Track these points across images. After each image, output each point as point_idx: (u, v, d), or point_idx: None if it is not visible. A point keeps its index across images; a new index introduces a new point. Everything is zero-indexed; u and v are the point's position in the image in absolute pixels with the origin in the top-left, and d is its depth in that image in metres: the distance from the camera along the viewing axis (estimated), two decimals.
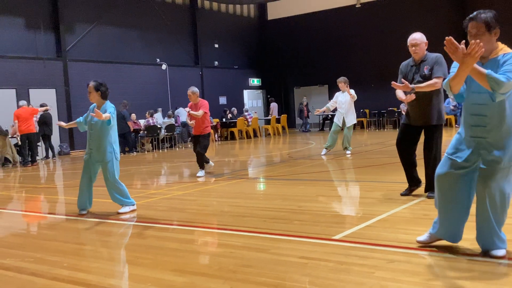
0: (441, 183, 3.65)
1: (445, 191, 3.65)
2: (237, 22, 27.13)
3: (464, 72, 3.25)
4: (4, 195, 8.84)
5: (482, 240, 3.61)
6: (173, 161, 13.54)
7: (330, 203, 6.34)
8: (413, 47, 5.61)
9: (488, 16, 3.35)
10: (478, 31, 3.34)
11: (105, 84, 6.35)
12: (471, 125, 3.47)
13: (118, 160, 6.30)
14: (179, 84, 22.54)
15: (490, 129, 3.38)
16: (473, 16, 3.38)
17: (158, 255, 4.20)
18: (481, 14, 3.35)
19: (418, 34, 5.63)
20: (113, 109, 6.20)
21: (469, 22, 3.39)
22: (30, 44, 17.73)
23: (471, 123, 3.46)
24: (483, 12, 3.36)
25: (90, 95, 6.28)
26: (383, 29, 23.98)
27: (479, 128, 3.42)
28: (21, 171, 12.98)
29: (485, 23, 3.33)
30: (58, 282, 3.66)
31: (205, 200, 6.89)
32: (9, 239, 5.31)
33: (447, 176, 3.61)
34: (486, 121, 3.39)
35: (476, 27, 3.35)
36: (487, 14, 3.36)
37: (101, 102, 6.29)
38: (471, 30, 3.36)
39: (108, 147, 6.17)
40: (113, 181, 6.16)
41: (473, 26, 3.36)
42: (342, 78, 11.77)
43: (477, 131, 3.44)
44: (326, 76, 25.79)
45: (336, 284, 3.26)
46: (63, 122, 6.39)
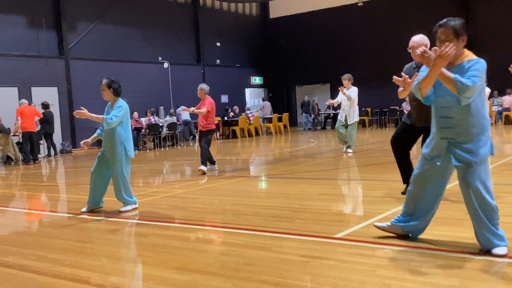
0: (415, 181, 3.88)
1: (417, 189, 3.87)
2: (239, 21, 27.11)
3: (434, 74, 3.44)
4: (6, 193, 8.86)
5: (480, 239, 3.67)
6: (175, 159, 13.55)
7: (332, 201, 6.33)
8: (410, 50, 5.53)
9: (457, 23, 3.52)
10: (447, 37, 3.51)
11: (117, 81, 6.34)
12: (440, 127, 3.67)
13: (130, 158, 6.26)
14: (181, 83, 22.55)
15: (458, 130, 3.58)
16: (443, 23, 3.55)
17: (160, 253, 4.21)
18: (450, 22, 3.52)
19: (419, 36, 5.52)
20: (121, 108, 6.12)
21: (438, 28, 3.56)
22: (32, 42, 17.75)
23: (440, 126, 3.66)
24: (453, 20, 3.53)
25: (103, 93, 6.28)
26: (385, 28, 23.96)
27: (448, 129, 3.62)
28: (23, 169, 13.00)
29: (454, 30, 3.50)
30: (60, 280, 3.67)
31: (207, 199, 6.90)
32: (11, 237, 5.32)
33: (422, 174, 3.82)
34: (453, 123, 3.58)
35: (445, 33, 3.52)
36: (456, 22, 3.53)
37: (114, 99, 6.28)
38: (440, 36, 3.53)
39: (118, 146, 6.14)
40: (120, 179, 6.17)
41: (443, 32, 3.52)
42: (346, 75, 11.81)
43: (446, 133, 3.64)
44: (328, 74, 25.78)
45: (338, 282, 3.25)
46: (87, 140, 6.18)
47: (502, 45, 21.85)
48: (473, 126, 3.55)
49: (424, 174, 3.81)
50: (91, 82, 18.87)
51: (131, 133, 6.36)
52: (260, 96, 28.47)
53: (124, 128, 6.21)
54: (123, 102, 6.23)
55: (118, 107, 6.15)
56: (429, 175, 3.80)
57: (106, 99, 6.31)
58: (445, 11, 22.83)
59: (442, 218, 4.75)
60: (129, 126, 6.31)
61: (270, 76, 28.56)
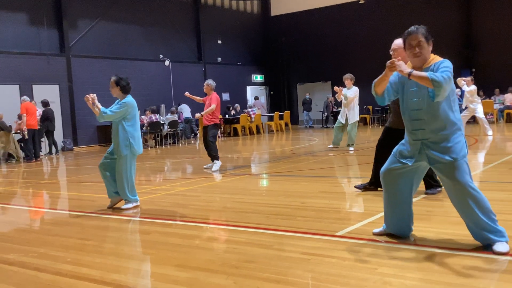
0: (384, 179, 3.99)
1: (388, 188, 3.98)
2: (240, 18, 27.09)
3: (386, 77, 3.76)
4: (8, 190, 8.87)
5: (479, 238, 3.70)
6: (176, 157, 13.56)
7: (333, 199, 6.34)
8: (392, 52, 5.71)
9: (425, 29, 3.73)
10: (419, 42, 3.67)
11: (125, 78, 6.37)
12: (412, 129, 3.80)
13: (136, 155, 6.30)
14: (182, 80, 22.55)
15: (429, 131, 3.70)
16: (413, 30, 3.70)
17: (162, 251, 4.21)
18: (419, 28, 3.70)
19: (399, 40, 5.66)
20: (123, 104, 6.15)
21: (408, 35, 3.72)
22: (33, 40, 17.75)
23: (412, 128, 3.80)
24: (421, 27, 3.72)
25: (112, 90, 6.31)
26: (387, 25, 23.89)
27: (420, 131, 3.75)
28: (24, 167, 13.01)
29: (424, 35, 3.69)
30: (62, 277, 3.67)
31: (208, 196, 6.90)
32: (13, 234, 5.33)
33: (389, 172, 3.95)
34: (423, 124, 3.71)
35: (416, 38, 3.67)
36: (423, 28, 3.72)
37: (122, 97, 6.31)
38: (412, 42, 3.69)
39: (122, 141, 6.16)
40: (124, 176, 6.20)
41: (414, 38, 3.68)
42: (348, 75, 11.93)
43: (418, 134, 3.76)
44: (329, 72, 25.76)
45: (339, 280, 3.26)
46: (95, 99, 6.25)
47: (504, 44, 21.81)
48: (443, 127, 3.66)
49: (392, 171, 3.93)
50: (92, 80, 18.90)
51: (139, 130, 6.36)
52: (262, 93, 28.46)
53: (131, 124, 6.22)
54: (129, 100, 6.25)
55: (120, 103, 6.17)
56: (399, 173, 3.90)
57: (115, 96, 6.32)
58: (447, 9, 22.85)
59: (441, 216, 4.76)
60: (137, 123, 6.33)
61: (271, 74, 28.54)
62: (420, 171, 3.94)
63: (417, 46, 3.66)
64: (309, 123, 25.12)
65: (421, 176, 4.02)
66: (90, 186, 8.59)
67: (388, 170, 3.97)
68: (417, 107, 3.73)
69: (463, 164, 3.63)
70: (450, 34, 22.67)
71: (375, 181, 6.28)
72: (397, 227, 4.08)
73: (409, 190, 3.96)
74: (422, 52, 3.66)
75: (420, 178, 4.02)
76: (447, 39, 22.68)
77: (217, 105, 9.67)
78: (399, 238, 4.08)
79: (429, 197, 5.68)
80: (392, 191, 3.96)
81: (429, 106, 3.66)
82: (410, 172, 3.90)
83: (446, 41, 22.80)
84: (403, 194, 3.95)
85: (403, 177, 3.90)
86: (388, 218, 4.10)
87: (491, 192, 5.67)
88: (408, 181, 3.92)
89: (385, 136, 6.11)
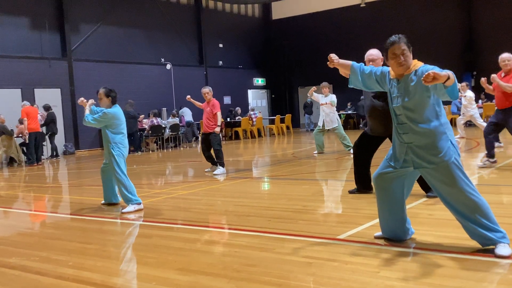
0: (376, 184, 4.03)
1: (380, 192, 4.01)
2: (242, 22, 27.13)
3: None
4: (10, 194, 8.88)
5: (478, 238, 3.69)
6: (178, 160, 13.56)
7: (335, 202, 6.34)
8: (370, 62, 5.84)
9: (405, 38, 3.78)
10: (404, 51, 3.71)
11: (114, 89, 6.56)
12: (399, 133, 3.84)
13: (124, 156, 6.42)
14: (184, 84, 22.57)
15: (413, 134, 3.72)
16: (395, 40, 3.74)
17: (163, 254, 4.21)
18: (402, 38, 3.75)
19: (375, 50, 5.97)
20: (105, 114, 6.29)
21: (391, 45, 3.74)
22: (35, 44, 17.80)
23: (399, 131, 3.84)
24: (401, 36, 3.77)
25: (101, 101, 6.49)
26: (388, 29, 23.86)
27: (405, 134, 3.78)
28: (26, 171, 13.03)
29: (406, 44, 3.75)
30: (63, 281, 3.67)
31: (210, 200, 6.90)
32: (15, 238, 5.33)
33: (380, 177, 3.98)
34: (407, 129, 3.75)
35: (400, 48, 3.72)
36: (404, 37, 3.78)
37: (110, 107, 6.47)
38: (396, 51, 3.71)
39: (109, 145, 6.36)
40: (117, 176, 6.29)
41: (398, 48, 3.71)
42: (325, 83, 12.71)
43: (405, 138, 3.79)
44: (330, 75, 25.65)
45: (341, 283, 3.25)
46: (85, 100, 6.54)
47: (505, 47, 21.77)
48: (427, 131, 3.67)
49: (384, 176, 3.95)
50: (94, 84, 18.89)
51: (125, 139, 6.48)
52: (264, 97, 28.48)
53: (115, 131, 6.37)
54: (114, 110, 6.38)
55: (102, 113, 6.31)
56: (390, 177, 3.92)
57: (103, 107, 6.53)
58: (447, 13, 22.86)
59: (443, 220, 4.75)
60: (122, 132, 6.45)
61: (273, 77, 28.56)
62: (410, 175, 3.94)
63: (402, 55, 3.70)
64: (311, 126, 25.11)
65: (413, 181, 4.04)
66: (91, 190, 8.59)
67: (379, 174, 3.99)
68: (400, 112, 3.77)
69: (453, 168, 3.62)
70: (450, 38, 22.68)
71: (360, 186, 6.39)
72: (392, 231, 4.09)
73: (401, 194, 3.96)
74: (406, 60, 3.71)
75: (412, 182, 4.04)
76: (448, 42, 22.69)
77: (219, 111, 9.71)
78: (401, 241, 4.07)
79: (429, 201, 5.67)
80: (384, 195, 3.98)
81: (412, 111, 3.69)
82: (400, 176, 3.91)
83: (447, 45, 22.82)
84: (395, 199, 3.95)
85: (395, 181, 3.92)
86: (382, 223, 4.12)
87: (492, 195, 5.67)
88: (400, 185, 3.94)
89: (361, 139, 6.28)
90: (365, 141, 6.24)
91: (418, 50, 5.98)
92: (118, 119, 6.40)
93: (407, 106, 3.71)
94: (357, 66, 4.09)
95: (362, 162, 6.30)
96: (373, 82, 4.01)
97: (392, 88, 3.84)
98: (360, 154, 6.30)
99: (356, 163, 6.35)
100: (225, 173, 9.51)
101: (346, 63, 4.11)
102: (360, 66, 4.09)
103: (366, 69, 4.05)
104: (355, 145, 6.36)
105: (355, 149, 6.36)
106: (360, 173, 6.34)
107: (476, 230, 3.64)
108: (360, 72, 4.05)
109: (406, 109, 3.72)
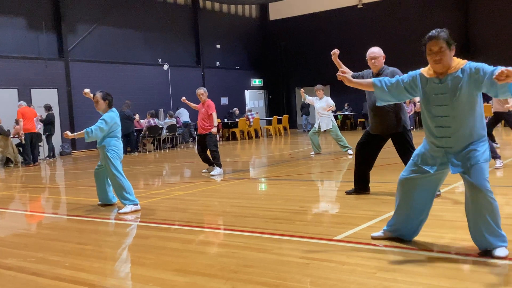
0: (403, 187, 3.91)
1: (404, 196, 3.90)
2: (239, 23, 27.13)
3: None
4: (6, 195, 8.85)
5: (478, 241, 3.66)
6: (175, 161, 13.55)
7: (332, 203, 6.34)
8: (373, 60, 5.98)
9: (447, 34, 3.59)
10: (441, 48, 3.54)
11: (110, 93, 6.59)
12: (437, 136, 3.69)
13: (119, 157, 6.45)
14: (181, 85, 22.55)
15: (456, 138, 3.61)
16: (434, 35, 3.56)
17: (160, 255, 4.20)
18: (441, 33, 3.56)
19: (377, 48, 6.05)
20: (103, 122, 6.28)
21: (429, 40, 3.58)
22: (32, 44, 17.76)
23: (436, 135, 3.69)
24: (442, 31, 3.58)
25: (97, 104, 6.50)
26: (385, 30, 23.99)
27: (445, 138, 3.65)
28: (22, 171, 12.99)
29: (446, 41, 3.56)
30: (60, 282, 3.66)
31: (207, 201, 6.89)
32: (11, 239, 5.32)
33: (408, 181, 3.86)
34: (450, 132, 3.61)
35: (438, 44, 3.54)
36: (445, 33, 3.59)
37: (106, 110, 6.48)
38: (433, 48, 3.56)
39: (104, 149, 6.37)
40: (113, 177, 6.30)
41: (435, 44, 3.55)
42: (319, 86, 12.71)
43: (443, 142, 3.67)
44: (328, 76, 25.69)
45: (338, 284, 3.25)
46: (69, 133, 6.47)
47: (503, 48, 21.86)
48: (469, 135, 3.59)
49: (412, 180, 3.84)
50: (90, 84, 18.82)
51: (119, 143, 6.50)
52: (261, 98, 28.47)
53: (110, 135, 6.38)
54: (111, 115, 6.38)
55: (101, 120, 6.30)
56: (418, 182, 3.82)
57: (99, 110, 6.53)
58: (445, 13, 22.91)
59: (440, 220, 4.75)
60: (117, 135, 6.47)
61: (270, 78, 28.56)
62: (440, 180, 3.84)
63: (438, 52, 3.54)
64: (308, 127, 25.12)
65: (440, 184, 3.95)
66: (88, 191, 8.57)
67: (407, 179, 3.86)
68: (444, 113, 3.61)
69: (484, 168, 3.54)
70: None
71: (359, 190, 6.37)
72: (408, 232, 4.02)
73: (429, 198, 3.88)
74: (442, 59, 3.54)
75: (439, 186, 3.95)
76: None
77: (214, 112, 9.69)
78: (398, 241, 4.07)
79: None
80: (408, 200, 3.88)
81: (458, 113, 3.56)
82: (431, 181, 3.80)
83: None
84: (419, 204, 3.86)
85: (423, 186, 3.81)
86: (400, 223, 4.01)
87: None
88: (428, 189, 3.83)
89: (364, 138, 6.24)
90: (369, 140, 6.18)
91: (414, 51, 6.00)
92: (116, 123, 6.42)
93: (456, 106, 3.55)
94: (378, 80, 3.90)
95: (364, 161, 6.24)
96: (401, 91, 3.83)
97: (431, 88, 3.66)
98: (362, 153, 6.24)
99: (358, 162, 6.28)
100: (222, 174, 9.50)
101: (364, 82, 3.96)
102: (382, 80, 3.90)
103: (390, 80, 3.87)
104: (359, 143, 6.29)
105: (358, 147, 6.29)
106: (360, 172, 6.29)
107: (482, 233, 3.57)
108: (386, 85, 3.87)
109: (453, 109, 3.56)
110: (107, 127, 6.28)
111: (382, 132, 6.03)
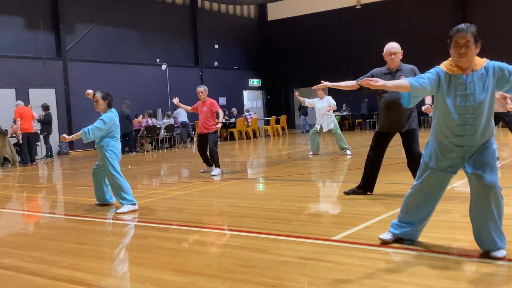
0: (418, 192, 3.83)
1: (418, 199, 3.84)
2: (237, 23, 27.13)
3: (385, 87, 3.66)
4: (4, 194, 8.84)
5: (483, 241, 3.63)
6: (173, 161, 13.54)
7: (330, 203, 6.34)
8: (392, 55, 5.89)
9: (475, 29, 3.52)
10: (468, 42, 3.47)
11: (110, 93, 6.58)
12: (457, 135, 3.58)
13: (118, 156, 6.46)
14: (179, 84, 22.53)
15: (478, 137, 3.55)
16: (462, 28, 3.51)
17: (158, 255, 4.20)
18: (470, 27, 3.50)
19: (396, 44, 5.98)
20: (101, 122, 6.29)
21: (457, 32, 3.51)
22: (30, 43, 17.72)
23: (458, 133, 3.57)
24: (471, 26, 3.51)
25: (97, 104, 6.49)
26: (383, 30, 23.98)
27: (467, 137, 3.55)
28: (20, 171, 12.97)
29: (474, 35, 3.49)
30: (57, 282, 3.66)
31: (205, 201, 6.89)
32: (9, 239, 5.31)
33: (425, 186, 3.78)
34: (473, 131, 3.54)
35: (465, 37, 3.47)
36: (474, 28, 3.52)
37: (106, 110, 6.47)
38: (460, 40, 3.48)
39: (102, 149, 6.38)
40: (111, 177, 6.32)
41: (463, 37, 3.48)
42: None
43: (464, 141, 3.57)
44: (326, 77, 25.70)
45: (336, 284, 3.25)
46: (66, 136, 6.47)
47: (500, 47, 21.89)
48: (488, 132, 3.58)
49: (428, 186, 3.77)
50: (89, 84, 18.81)
51: (118, 143, 6.51)
52: (259, 98, 28.47)
53: (109, 135, 6.38)
54: (111, 115, 6.39)
55: (99, 120, 6.31)
56: (433, 186, 3.76)
57: (99, 110, 6.54)
58: (442, 14, 22.94)
59: (438, 221, 4.76)
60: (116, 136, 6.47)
61: (268, 78, 28.56)
62: (449, 181, 3.81)
63: (464, 46, 3.45)
64: (306, 127, 25.14)
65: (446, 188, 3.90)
66: (86, 190, 8.56)
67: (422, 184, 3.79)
68: (470, 112, 3.52)
69: (496, 166, 3.59)
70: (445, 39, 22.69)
71: (363, 186, 6.34)
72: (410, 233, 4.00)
73: (436, 200, 3.86)
74: (468, 54, 3.45)
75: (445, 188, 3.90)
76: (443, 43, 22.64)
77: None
78: (397, 242, 4.07)
79: None
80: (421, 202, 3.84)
81: (482, 111, 3.50)
82: (444, 183, 3.77)
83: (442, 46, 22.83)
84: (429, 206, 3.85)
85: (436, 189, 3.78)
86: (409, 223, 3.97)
87: None
88: (440, 191, 3.81)
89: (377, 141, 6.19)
90: (381, 142, 6.14)
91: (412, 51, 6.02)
92: (115, 123, 6.42)
93: (481, 104, 3.49)
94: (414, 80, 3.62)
95: (377, 163, 6.21)
96: (433, 89, 3.64)
97: (456, 85, 3.54)
98: (376, 156, 6.19)
99: (372, 164, 6.20)
100: (220, 174, 9.49)
101: (399, 84, 3.68)
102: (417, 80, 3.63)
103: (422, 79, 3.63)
104: (372, 147, 6.22)
105: (374, 150, 6.20)
106: (372, 175, 6.24)
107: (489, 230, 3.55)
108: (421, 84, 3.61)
109: (479, 107, 3.48)
110: (105, 127, 6.28)
111: (398, 129, 5.99)
